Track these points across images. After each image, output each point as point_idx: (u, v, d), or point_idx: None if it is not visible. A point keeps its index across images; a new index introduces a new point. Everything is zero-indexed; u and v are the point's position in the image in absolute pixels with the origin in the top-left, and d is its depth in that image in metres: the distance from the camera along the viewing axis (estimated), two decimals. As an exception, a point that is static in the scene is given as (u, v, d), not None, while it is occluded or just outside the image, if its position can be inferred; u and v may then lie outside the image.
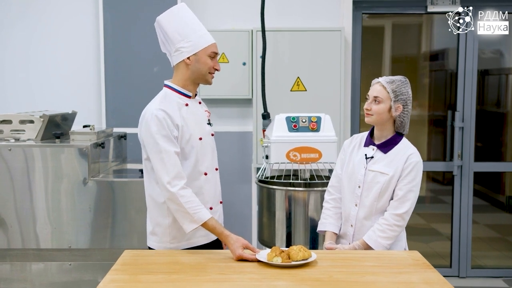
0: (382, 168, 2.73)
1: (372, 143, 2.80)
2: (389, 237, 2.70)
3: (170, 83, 2.77)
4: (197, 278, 2.29)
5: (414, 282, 2.26)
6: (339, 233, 2.89)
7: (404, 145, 2.77)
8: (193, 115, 2.74)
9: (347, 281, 2.27)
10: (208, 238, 2.78)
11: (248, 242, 2.59)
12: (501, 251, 5.58)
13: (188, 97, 2.75)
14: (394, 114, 2.72)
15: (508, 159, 5.59)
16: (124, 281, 2.27)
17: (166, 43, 2.75)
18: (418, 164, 2.73)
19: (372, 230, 2.72)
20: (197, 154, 2.71)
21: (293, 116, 3.78)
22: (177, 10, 2.74)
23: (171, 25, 2.70)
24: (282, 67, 4.77)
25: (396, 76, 2.79)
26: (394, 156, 2.74)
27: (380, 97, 2.71)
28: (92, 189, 3.72)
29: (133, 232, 3.73)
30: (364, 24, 5.09)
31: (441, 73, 5.53)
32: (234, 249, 2.54)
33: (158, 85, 4.71)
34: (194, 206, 2.58)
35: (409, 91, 2.76)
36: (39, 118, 3.86)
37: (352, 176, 2.81)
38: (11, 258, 3.75)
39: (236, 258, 2.52)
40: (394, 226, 2.69)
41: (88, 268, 3.76)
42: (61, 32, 4.89)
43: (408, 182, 2.70)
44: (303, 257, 2.46)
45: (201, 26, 2.75)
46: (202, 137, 2.74)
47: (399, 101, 2.71)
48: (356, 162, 2.81)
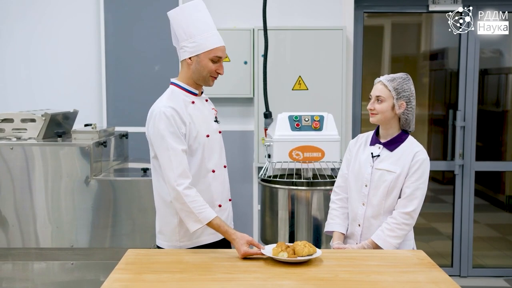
0: (388, 166, 2.72)
1: (378, 142, 2.80)
2: (398, 236, 2.69)
3: (176, 80, 2.76)
4: (202, 277, 2.28)
5: (421, 281, 2.25)
6: (346, 233, 2.88)
7: (410, 143, 2.77)
8: (200, 113, 2.73)
9: (353, 280, 2.26)
10: (216, 236, 2.76)
11: (253, 239, 2.59)
12: (502, 250, 5.58)
13: (195, 95, 2.75)
14: (398, 111, 2.72)
15: (508, 158, 5.59)
16: (129, 280, 2.26)
17: (174, 37, 2.74)
18: (425, 162, 2.72)
19: (381, 230, 2.71)
20: (204, 151, 2.70)
21: (295, 115, 3.77)
22: (188, 7, 2.70)
23: (178, 22, 2.68)
24: (283, 66, 4.76)
25: (398, 73, 2.78)
26: (400, 154, 2.73)
27: (382, 96, 2.71)
28: (94, 188, 3.70)
29: (135, 231, 3.72)
30: (364, 23, 5.08)
31: (441, 72, 5.53)
32: (239, 246, 2.53)
33: (159, 84, 4.73)
34: (199, 205, 2.57)
35: (412, 88, 2.76)
36: (41, 116, 3.84)
37: (358, 175, 2.80)
38: (13, 257, 3.73)
39: (242, 255, 2.51)
40: (403, 224, 2.69)
41: (90, 267, 3.75)
42: (62, 31, 4.87)
43: (416, 180, 2.70)
44: (308, 253, 2.45)
45: (209, 26, 2.69)
46: (209, 134, 2.73)
47: (401, 98, 2.71)
48: (363, 161, 2.80)
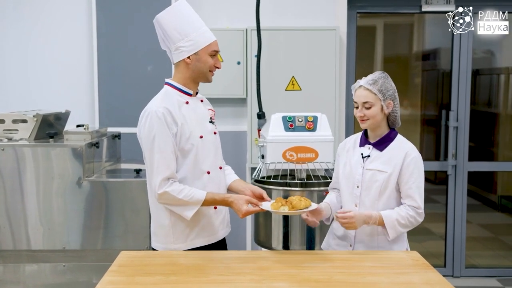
0: (379, 166, 2.72)
1: (367, 142, 2.79)
2: (405, 226, 2.67)
3: (171, 81, 2.75)
4: (196, 279, 2.27)
5: (415, 282, 2.25)
6: (340, 234, 2.86)
7: (399, 141, 2.76)
8: (194, 113, 2.72)
9: (348, 282, 2.26)
10: (211, 238, 2.77)
11: (251, 197, 2.64)
12: (495, 250, 5.60)
13: (189, 95, 2.73)
14: (387, 111, 2.71)
15: (499, 159, 5.61)
16: (122, 282, 2.25)
17: (166, 40, 2.71)
18: (418, 159, 2.72)
19: (393, 211, 2.67)
20: (197, 152, 2.68)
21: (289, 116, 3.75)
22: (177, 8, 2.70)
23: (170, 23, 2.66)
24: (277, 66, 4.75)
25: (374, 73, 2.75)
26: (391, 153, 2.72)
27: (369, 102, 2.69)
28: (86, 190, 3.68)
29: (128, 233, 3.70)
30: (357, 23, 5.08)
31: (433, 72, 5.55)
32: (239, 207, 2.58)
33: (151, 84, 4.71)
34: (186, 192, 2.59)
35: (393, 84, 2.74)
36: (33, 117, 3.81)
37: (350, 177, 2.79)
38: (3, 259, 3.70)
39: (243, 215, 2.57)
40: (413, 218, 2.67)
41: (82, 269, 3.72)
42: (54, 32, 4.85)
43: (415, 179, 2.69)
44: (305, 206, 2.55)
45: (201, 23, 2.71)
46: (203, 135, 2.71)
47: (388, 98, 2.70)
48: (354, 163, 2.79)
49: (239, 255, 2.71)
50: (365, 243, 2.76)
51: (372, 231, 2.74)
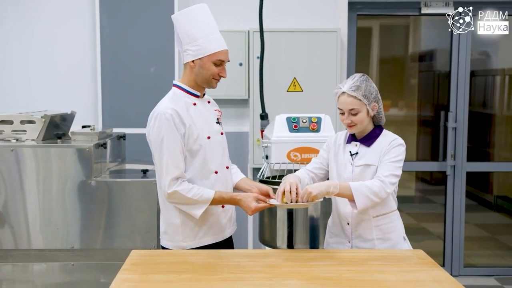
0: (368, 160, 2.74)
1: (354, 139, 2.82)
2: (372, 193, 2.60)
3: (179, 82, 2.80)
4: (208, 277, 2.31)
5: (423, 280, 2.30)
6: (335, 231, 2.90)
7: (385, 136, 2.79)
8: (201, 114, 2.76)
9: (357, 279, 2.31)
10: (219, 236, 2.83)
11: (258, 194, 2.71)
12: (492, 250, 5.66)
13: (197, 97, 2.78)
14: (372, 113, 2.75)
15: (495, 159, 5.67)
16: (136, 280, 2.29)
17: (177, 40, 2.78)
18: (401, 146, 2.73)
19: (360, 182, 2.67)
20: (205, 152, 2.73)
21: (293, 117, 3.80)
22: (192, 11, 2.74)
23: (182, 25, 2.72)
24: (278, 67, 4.80)
25: (354, 77, 2.75)
26: (377, 146, 2.75)
27: (355, 108, 2.70)
28: (94, 190, 3.71)
29: (135, 232, 3.74)
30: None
31: (431, 73, 5.59)
32: (248, 204, 2.64)
33: (155, 85, 4.74)
34: (195, 191, 2.65)
35: (374, 85, 2.76)
36: (41, 118, 3.84)
37: (340, 175, 2.81)
38: (13, 258, 3.73)
39: (252, 212, 2.65)
40: (378, 187, 2.61)
41: (90, 268, 3.75)
42: (57, 32, 4.87)
43: (389, 157, 2.69)
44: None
45: (213, 30, 2.74)
46: (211, 136, 2.76)
47: (372, 101, 2.72)
48: (343, 161, 2.82)
49: (247, 253, 2.77)
50: (362, 238, 2.79)
51: (367, 224, 2.76)
